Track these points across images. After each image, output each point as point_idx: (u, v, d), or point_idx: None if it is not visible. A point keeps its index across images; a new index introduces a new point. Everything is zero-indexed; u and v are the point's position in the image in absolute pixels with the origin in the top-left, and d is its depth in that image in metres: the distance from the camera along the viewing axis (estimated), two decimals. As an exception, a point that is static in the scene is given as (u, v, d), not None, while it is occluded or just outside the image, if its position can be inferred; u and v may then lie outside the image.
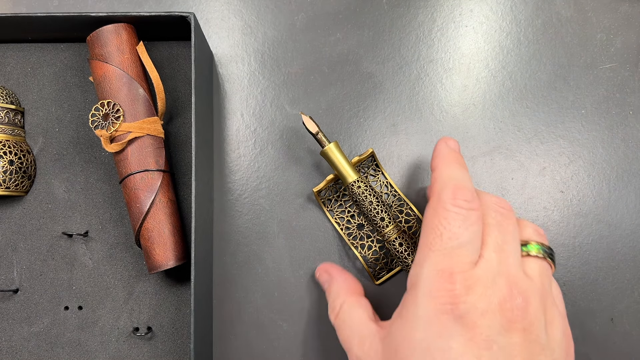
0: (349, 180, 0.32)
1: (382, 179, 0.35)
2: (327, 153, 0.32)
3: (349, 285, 0.31)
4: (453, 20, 0.38)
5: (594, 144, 0.36)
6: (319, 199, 0.35)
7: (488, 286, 0.23)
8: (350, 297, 0.30)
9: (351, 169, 0.32)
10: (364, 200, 0.31)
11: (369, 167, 0.35)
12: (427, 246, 0.24)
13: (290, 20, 0.38)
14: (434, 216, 0.25)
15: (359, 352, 0.27)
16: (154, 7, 0.38)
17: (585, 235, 0.36)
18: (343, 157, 0.32)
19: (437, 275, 0.23)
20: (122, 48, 0.32)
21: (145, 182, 0.31)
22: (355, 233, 0.35)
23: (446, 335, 0.22)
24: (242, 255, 0.35)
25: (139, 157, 0.32)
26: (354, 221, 0.35)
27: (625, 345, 0.35)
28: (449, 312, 0.23)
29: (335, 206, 0.35)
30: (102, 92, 0.32)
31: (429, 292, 0.23)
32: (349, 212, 0.35)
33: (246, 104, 0.37)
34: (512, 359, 0.22)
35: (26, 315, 0.34)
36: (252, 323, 0.35)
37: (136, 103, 0.32)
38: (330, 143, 0.32)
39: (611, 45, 0.37)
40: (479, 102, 0.37)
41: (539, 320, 0.23)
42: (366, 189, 0.32)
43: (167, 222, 0.32)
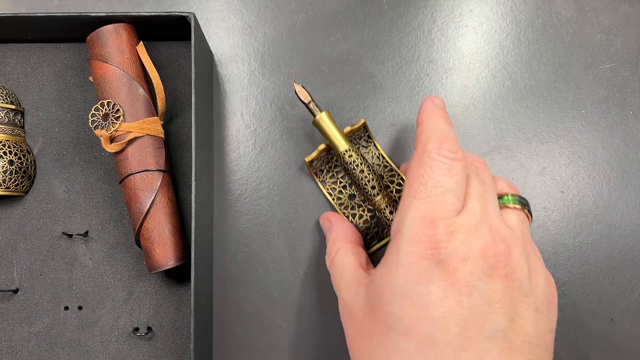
0: (340, 149, 0.32)
1: (373, 150, 0.36)
2: (318, 122, 0.32)
3: (346, 233, 0.32)
4: (453, 20, 0.38)
5: (594, 144, 0.36)
6: (311, 169, 0.35)
7: (470, 233, 0.23)
8: (346, 244, 0.30)
9: (343, 138, 0.32)
10: (355, 170, 0.32)
11: (361, 138, 0.36)
12: (411, 194, 0.25)
13: (290, 20, 0.38)
14: (419, 165, 0.25)
15: (346, 296, 0.27)
16: (154, 7, 0.38)
17: (585, 235, 0.36)
18: (335, 127, 0.32)
19: (420, 221, 0.23)
20: (122, 48, 0.32)
21: (145, 182, 0.31)
22: (347, 203, 0.35)
23: (426, 280, 0.22)
24: (242, 255, 0.35)
25: (139, 157, 0.32)
26: (345, 191, 0.35)
27: (625, 345, 0.35)
28: (429, 257, 0.23)
29: (327, 177, 0.36)
30: (102, 92, 0.32)
31: (411, 238, 0.23)
32: (341, 182, 0.35)
33: (246, 104, 0.37)
34: (492, 304, 0.22)
35: (26, 315, 0.34)
36: (252, 323, 0.35)
37: (136, 103, 0.32)
38: (322, 112, 0.32)
39: (611, 45, 0.37)
40: (479, 102, 0.37)
41: (521, 267, 0.23)
42: (357, 158, 0.32)
43: (167, 222, 0.32)
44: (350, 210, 0.35)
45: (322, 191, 0.36)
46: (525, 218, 0.27)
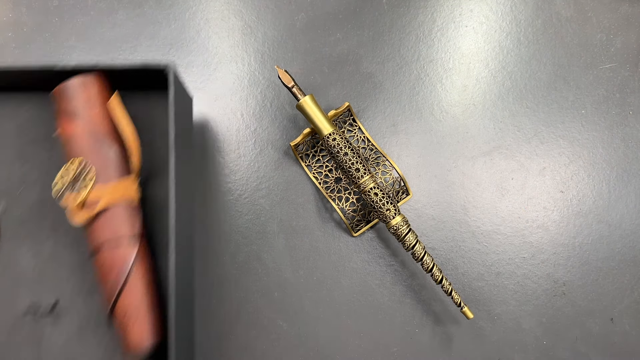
0: (324, 132, 0.32)
1: (359, 134, 0.36)
2: (302, 106, 0.32)
3: None
4: (453, 21, 0.38)
5: (594, 144, 0.36)
6: (297, 153, 0.35)
7: None
8: None
9: (327, 121, 0.32)
10: (340, 152, 0.32)
11: (346, 122, 0.36)
12: None
13: (290, 20, 0.38)
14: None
15: None
16: (153, 8, 0.38)
17: (585, 235, 0.36)
18: (319, 110, 0.32)
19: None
20: (91, 102, 0.29)
21: (118, 252, 0.28)
22: (333, 186, 0.35)
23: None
24: (242, 255, 0.35)
25: (111, 225, 0.28)
26: (331, 175, 0.35)
27: (625, 345, 0.35)
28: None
29: (313, 161, 0.36)
30: (70, 151, 0.29)
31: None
32: (327, 166, 0.35)
33: (246, 104, 0.37)
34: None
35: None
36: (252, 323, 0.35)
37: (108, 164, 0.29)
38: (305, 96, 0.32)
39: (611, 45, 0.37)
40: (479, 102, 0.37)
41: None
42: (341, 140, 0.32)
43: (144, 296, 0.28)
44: (337, 194, 0.35)
45: (308, 176, 0.36)
46: None
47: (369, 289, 0.35)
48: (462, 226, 0.35)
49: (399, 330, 0.34)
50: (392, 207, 0.32)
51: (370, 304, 0.34)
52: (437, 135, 0.36)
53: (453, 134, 0.36)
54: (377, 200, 0.32)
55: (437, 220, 0.35)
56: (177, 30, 0.38)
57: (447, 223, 0.35)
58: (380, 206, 0.32)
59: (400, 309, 0.34)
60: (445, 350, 0.34)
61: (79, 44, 0.38)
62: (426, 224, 0.35)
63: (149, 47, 0.38)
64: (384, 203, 0.32)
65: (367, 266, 0.35)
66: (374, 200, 0.32)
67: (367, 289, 0.35)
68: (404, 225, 0.31)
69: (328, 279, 0.35)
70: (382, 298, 0.34)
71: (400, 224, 0.31)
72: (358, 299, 0.35)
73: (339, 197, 0.35)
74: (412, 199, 0.36)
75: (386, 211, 0.32)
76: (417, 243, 0.31)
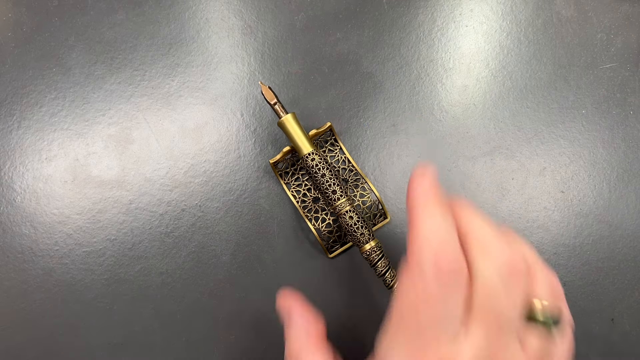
0: (303, 152, 0.32)
1: (340, 154, 0.36)
2: (283, 124, 0.32)
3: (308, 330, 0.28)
4: (453, 20, 0.38)
5: (594, 144, 0.36)
6: (276, 170, 0.35)
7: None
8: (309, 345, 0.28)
9: (307, 141, 0.32)
10: (317, 173, 0.32)
11: (327, 142, 0.36)
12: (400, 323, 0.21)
13: (290, 20, 0.38)
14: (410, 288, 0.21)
15: None
16: (153, 7, 0.38)
17: (585, 235, 0.36)
18: (300, 129, 0.32)
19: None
20: None
21: None
22: (310, 206, 0.35)
23: None
24: (242, 255, 0.35)
25: None
26: (310, 194, 0.35)
27: (625, 346, 0.35)
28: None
29: (292, 179, 0.36)
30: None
31: None
32: (306, 185, 0.35)
33: (246, 104, 0.37)
34: None
35: None
36: (252, 323, 0.35)
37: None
38: (287, 114, 0.32)
39: (611, 45, 0.37)
40: (479, 102, 0.37)
41: None
42: (320, 161, 0.32)
43: None
44: (314, 214, 0.35)
45: (287, 193, 0.35)
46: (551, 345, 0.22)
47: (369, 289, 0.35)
48: (463, 226, 0.35)
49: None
50: (366, 231, 0.31)
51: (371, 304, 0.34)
52: (437, 135, 0.36)
53: (453, 134, 0.36)
54: (352, 224, 0.31)
55: (437, 220, 0.35)
56: (177, 29, 0.38)
57: (447, 223, 0.35)
58: (354, 230, 0.31)
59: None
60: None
61: (78, 43, 0.38)
62: (426, 224, 0.35)
63: (149, 46, 0.38)
64: (358, 227, 0.31)
65: (366, 266, 0.35)
66: (349, 223, 0.32)
67: (367, 289, 0.35)
68: (377, 251, 0.31)
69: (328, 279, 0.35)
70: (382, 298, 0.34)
71: (374, 249, 0.31)
72: (358, 299, 0.34)
73: (315, 218, 0.34)
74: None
75: (360, 235, 0.31)
76: (388, 270, 0.31)
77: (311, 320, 0.29)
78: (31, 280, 0.34)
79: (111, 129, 0.37)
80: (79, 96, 0.37)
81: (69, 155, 0.36)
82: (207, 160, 0.36)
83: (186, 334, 0.34)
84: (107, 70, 0.38)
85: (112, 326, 0.34)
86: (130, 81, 0.38)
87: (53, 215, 0.35)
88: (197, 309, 0.34)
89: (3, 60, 0.38)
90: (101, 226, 0.35)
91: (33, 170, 0.36)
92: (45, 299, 0.34)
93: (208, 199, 0.36)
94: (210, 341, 0.34)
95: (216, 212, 0.36)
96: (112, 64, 0.38)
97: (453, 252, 0.21)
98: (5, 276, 0.34)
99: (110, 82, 0.38)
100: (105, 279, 0.34)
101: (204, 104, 0.37)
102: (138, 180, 0.36)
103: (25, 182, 0.36)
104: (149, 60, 0.38)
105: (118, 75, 0.38)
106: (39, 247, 0.35)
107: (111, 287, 0.34)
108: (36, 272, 0.34)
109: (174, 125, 0.37)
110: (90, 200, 0.36)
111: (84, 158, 0.36)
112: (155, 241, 0.35)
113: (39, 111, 0.37)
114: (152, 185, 0.36)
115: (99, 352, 0.34)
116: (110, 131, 0.37)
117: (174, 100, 0.37)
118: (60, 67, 0.38)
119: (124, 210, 0.35)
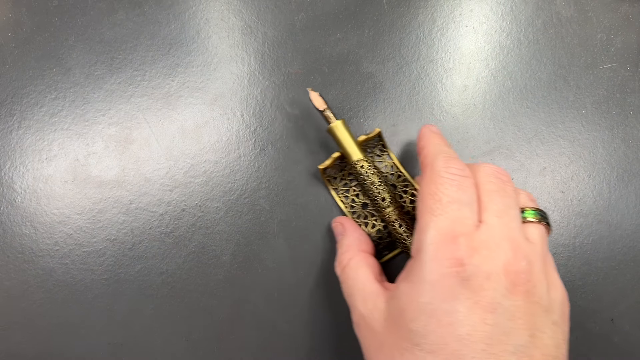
0: (353, 158, 0.32)
1: (387, 160, 0.35)
2: (333, 130, 0.32)
3: (360, 242, 0.31)
4: (453, 20, 0.38)
5: (594, 144, 0.36)
6: (325, 176, 0.35)
7: (492, 249, 0.23)
8: (360, 253, 0.30)
9: (357, 147, 0.32)
10: (367, 180, 0.31)
11: (375, 147, 0.35)
12: (427, 211, 0.25)
13: (290, 20, 0.38)
14: (430, 183, 0.26)
15: (363, 309, 0.27)
16: (153, 7, 0.38)
17: (585, 235, 0.36)
18: (349, 135, 0.32)
19: (442, 239, 0.24)
20: None
21: None
22: (359, 212, 0.35)
23: (451, 299, 0.23)
24: (242, 255, 0.35)
25: None
26: (358, 200, 0.35)
27: (626, 346, 0.35)
28: (454, 275, 0.23)
29: (340, 184, 0.35)
30: None
31: (434, 256, 0.24)
32: (355, 191, 0.35)
33: (246, 104, 0.37)
34: (515, 320, 0.22)
35: None
36: (252, 323, 0.35)
37: None
38: (337, 120, 0.32)
39: (611, 45, 0.37)
40: (479, 102, 0.37)
41: (541, 283, 0.24)
42: (369, 168, 0.32)
43: None
44: (363, 220, 0.34)
45: (334, 199, 0.35)
46: (545, 232, 0.27)
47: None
48: (462, 226, 0.35)
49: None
50: None
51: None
52: (437, 135, 0.36)
53: (453, 134, 0.36)
54: (402, 232, 0.31)
55: (437, 220, 0.35)
56: (177, 30, 0.38)
57: (447, 223, 0.35)
58: (404, 238, 0.31)
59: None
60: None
61: (78, 43, 0.38)
62: (426, 224, 0.35)
63: (149, 46, 0.38)
64: (408, 235, 0.31)
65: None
66: (397, 231, 0.31)
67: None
68: None
69: (328, 279, 0.35)
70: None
71: None
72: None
73: (365, 224, 0.34)
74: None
75: (410, 244, 0.31)
76: None
77: (364, 237, 0.32)
78: (31, 280, 0.34)
79: (111, 129, 0.37)
80: (79, 96, 0.37)
81: (69, 155, 0.36)
82: (207, 160, 0.36)
83: (186, 334, 0.34)
84: (107, 70, 0.38)
85: (112, 326, 0.34)
86: (130, 81, 0.38)
87: (53, 215, 0.35)
88: (197, 309, 0.34)
89: (3, 61, 0.38)
90: (101, 226, 0.35)
91: (33, 171, 0.36)
92: (45, 299, 0.34)
93: (208, 199, 0.36)
94: (211, 341, 0.34)
95: (216, 212, 0.36)
96: (112, 64, 0.38)
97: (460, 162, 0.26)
98: (5, 276, 0.34)
99: (111, 82, 0.38)
100: (105, 279, 0.35)
101: (204, 104, 0.37)
102: (138, 180, 0.36)
103: (25, 182, 0.36)
104: (149, 60, 0.38)
105: (118, 76, 0.38)
106: (39, 247, 0.35)
107: (111, 287, 0.34)
108: (36, 272, 0.34)
109: (174, 125, 0.37)
110: (90, 200, 0.36)
111: (84, 158, 0.36)
112: (155, 241, 0.35)
113: (39, 111, 0.37)
114: (152, 185, 0.36)
115: (99, 352, 0.34)
116: (110, 131, 0.37)
117: (174, 100, 0.37)
118: (60, 67, 0.38)
119: (124, 210, 0.35)
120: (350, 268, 0.30)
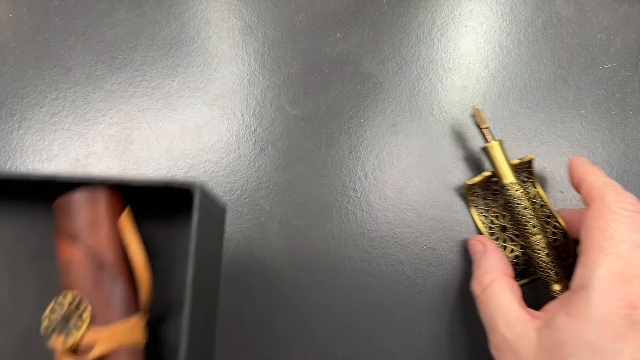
0: (506, 180, 0.32)
1: (531, 188, 0.35)
2: (489, 150, 0.32)
3: (502, 264, 0.31)
4: (453, 21, 0.38)
5: (593, 144, 0.37)
6: (469, 193, 0.34)
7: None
8: (503, 276, 0.30)
9: (511, 169, 0.32)
10: (519, 205, 0.31)
11: (522, 173, 0.35)
12: (597, 248, 0.24)
13: (290, 20, 0.38)
14: (599, 218, 0.25)
15: (508, 334, 0.27)
16: (153, 7, 0.38)
17: (585, 235, 0.36)
18: (504, 157, 0.32)
19: (613, 278, 0.23)
20: (97, 222, 0.24)
21: None
22: (498, 234, 0.34)
23: (620, 340, 0.23)
24: (242, 255, 0.35)
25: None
26: (497, 222, 0.34)
27: (625, 345, 0.35)
28: (624, 317, 0.23)
29: (481, 204, 0.35)
30: (67, 280, 0.24)
31: (605, 295, 0.23)
32: (495, 212, 0.35)
33: (246, 104, 0.37)
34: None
35: None
36: (252, 323, 0.35)
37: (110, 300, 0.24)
38: (495, 140, 0.32)
39: (611, 45, 0.37)
40: (479, 103, 0.37)
41: None
42: (523, 193, 0.31)
43: None
44: (502, 243, 0.34)
45: (472, 217, 0.35)
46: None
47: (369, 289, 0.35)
48: (462, 226, 0.35)
49: (399, 330, 0.34)
50: (560, 270, 0.31)
51: (370, 304, 0.34)
52: (437, 135, 0.36)
53: (453, 134, 0.37)
54: (548, 262, 0.31)
55: (437, 220, 0.35)
56: (177, 30, 0.38)
57: (447, 223, 0.35)
58: (549, 268, 0.31)
59: (400, 309, 0.34)
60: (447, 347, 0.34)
61: (78, 43, 0.38)
62: (426, 224, 0.35)
63: (149, 47, 0.38)
64: (553, 266, 0.31)
65: (367, 266, 0.35)
66: (544, 260, 0.31)
67: (367, 289, 0.35)
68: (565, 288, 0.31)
69: (328, 279, 0.35)
70: (382, 298, 0.34)
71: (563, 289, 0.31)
72: (358, 299, 0.35)
73: (503, 247, 0.34)
74: (413, 198, 0.36)
75: (554, 274, 0.31)
76: None
77: (506, 260, 0.32)
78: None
79: (112, 129, 0.37)
80: (80, 96, 0.37)
81: (69, 155, 0.36)
82: (207, 160, 0.36)
83: (186, 334, 0.34)
84: (107, 70, 0.38)
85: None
86: (130, 81, 0.38)
87: (53, 215, 0.35)
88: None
89: (4, 61, 0.38)
90: (102, 226, 0.35)
91: (34, 171, 0.36)
92: (45, 299, 0.34)
93: (208, 199, 0.36)
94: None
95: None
96: (112, 64, 0.38)
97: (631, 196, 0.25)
98: (5, 276, 0.34)
99: (111, 83, 0.38)
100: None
101: (204, 104, 0.37)
102: (138, 180, 0.36)
103: (25, 182, 0.36)
104: (150, 60, 0.38)
105: (119, 76, 0.38)
106: (39, 247, 0.35)
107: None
108: (37, 272, 0.35)
109: (174, 126, 0.37)
110: (90, 200, 0.36)
111: (85, 158, 0.36)
112: (155, 241, 0.35)
113: (40, 111, 0.37)
114: (152, 185, 0.36)
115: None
116: (110, 131, 0.37)
117: (175, 100, 0.37)
118: (60, 68, 0.38)
119: (124, 210, 0.36)
120: (492, 290, 0.29)
